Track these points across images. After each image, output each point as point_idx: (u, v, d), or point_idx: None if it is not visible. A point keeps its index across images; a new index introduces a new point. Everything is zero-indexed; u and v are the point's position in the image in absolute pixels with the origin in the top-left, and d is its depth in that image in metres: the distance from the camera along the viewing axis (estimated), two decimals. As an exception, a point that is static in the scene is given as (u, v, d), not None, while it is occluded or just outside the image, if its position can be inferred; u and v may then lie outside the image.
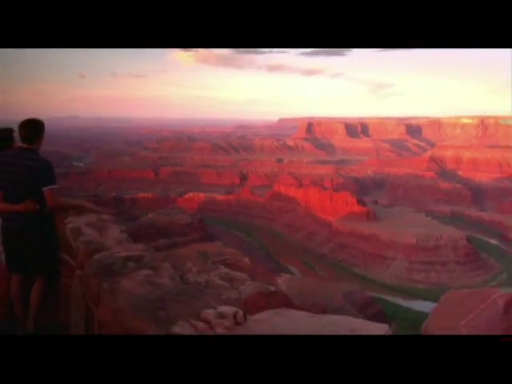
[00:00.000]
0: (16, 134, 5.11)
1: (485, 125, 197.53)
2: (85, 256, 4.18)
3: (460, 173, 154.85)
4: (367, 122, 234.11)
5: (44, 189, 4.63)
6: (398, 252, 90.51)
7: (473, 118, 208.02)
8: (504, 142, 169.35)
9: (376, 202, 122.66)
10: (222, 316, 2.88)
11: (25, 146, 4.70)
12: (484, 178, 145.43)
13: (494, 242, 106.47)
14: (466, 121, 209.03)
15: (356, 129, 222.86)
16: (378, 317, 59.91)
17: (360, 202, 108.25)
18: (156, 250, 5.89)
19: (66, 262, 4.88)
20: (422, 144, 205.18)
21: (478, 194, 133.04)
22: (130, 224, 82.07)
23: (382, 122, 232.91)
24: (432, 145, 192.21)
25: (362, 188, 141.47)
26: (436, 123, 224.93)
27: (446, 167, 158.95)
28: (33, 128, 4.75)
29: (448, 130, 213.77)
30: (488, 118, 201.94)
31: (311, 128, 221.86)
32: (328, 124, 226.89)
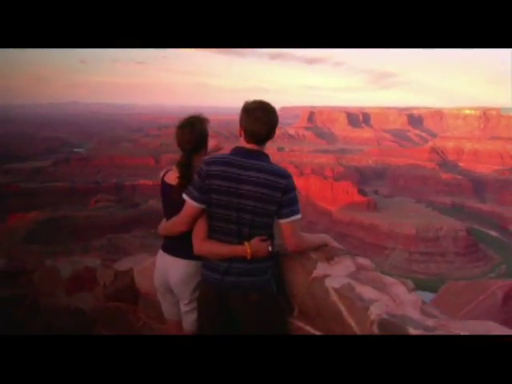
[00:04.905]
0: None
1: (487, 116, 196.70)
2: None
3: (461, 164, 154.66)
4: (369, 112, 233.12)
5: (287, 220, 2.57)
6: (397, 242, 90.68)
7: (475, 109, 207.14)
8: (506, 134, 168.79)
9: (376, 192, 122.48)
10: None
11: (253, 147, 2.71)
12: (485, 169, 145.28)
13: (493, 233, 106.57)
14: (468, 112, 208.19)
15: (357, 118, 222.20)
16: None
17: (361, 191, 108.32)
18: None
19: None
20: (424, 134, 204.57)
21: (478, 186, 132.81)
22: (131, 211, 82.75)
23: (384, 111, 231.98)
24: (433, 135, 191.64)
25: (363, 178, 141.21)
26: (438, 114, 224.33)
27: (447, 158, 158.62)
28: (271, 116, 2.70)
29: (450, 120, 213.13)
30: (490, 109, 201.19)
31: (313, 117, 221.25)
32: (329, 113, 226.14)
